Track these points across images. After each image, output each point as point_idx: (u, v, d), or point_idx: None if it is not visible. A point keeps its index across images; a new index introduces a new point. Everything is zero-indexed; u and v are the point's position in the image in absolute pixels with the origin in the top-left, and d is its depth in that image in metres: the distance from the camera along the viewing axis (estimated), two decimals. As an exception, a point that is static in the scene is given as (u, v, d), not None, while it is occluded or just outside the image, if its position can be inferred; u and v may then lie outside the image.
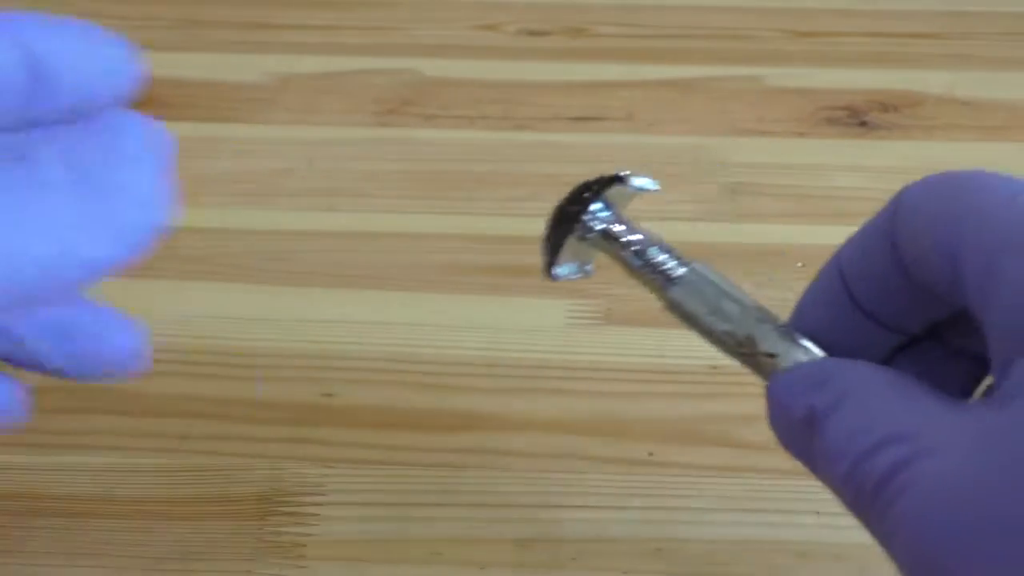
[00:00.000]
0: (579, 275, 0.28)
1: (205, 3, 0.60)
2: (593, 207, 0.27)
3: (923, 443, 0.20)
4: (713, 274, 0.26)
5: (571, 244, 0.27)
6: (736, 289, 0.25)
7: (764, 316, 0.25)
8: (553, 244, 0.27)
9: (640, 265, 0.26)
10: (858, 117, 0.52)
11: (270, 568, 0.34)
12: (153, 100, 0.53)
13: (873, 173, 0.49)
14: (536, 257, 0.45)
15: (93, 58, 0.25)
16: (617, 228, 0.26)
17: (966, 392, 0.25)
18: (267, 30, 0.58)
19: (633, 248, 0.26)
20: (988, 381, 0.25)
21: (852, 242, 0.25)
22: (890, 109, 0.53)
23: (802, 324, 0.25)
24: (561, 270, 0.27)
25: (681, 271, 0.26)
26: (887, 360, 0.25)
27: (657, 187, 0.27)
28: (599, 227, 0.26)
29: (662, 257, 0.26)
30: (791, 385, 0.23)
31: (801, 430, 0.23)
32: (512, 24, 0.58)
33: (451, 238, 0.46)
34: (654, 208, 0.48)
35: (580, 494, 0.36)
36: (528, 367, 0.40)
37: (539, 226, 0.46)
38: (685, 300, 0.25)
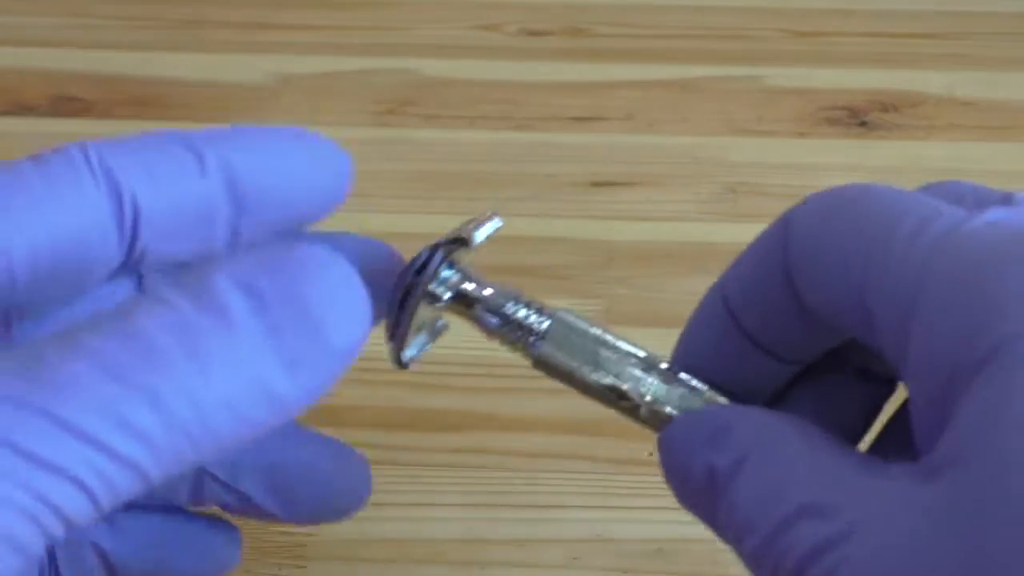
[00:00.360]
0: (430, 344, 0.25)
1: (205, 3, 0.60)
2: (441, 272, 0.24)
3: (847, 519, 0.17)
4: (580, 321, 0.23)
5: (418, 314, 0.24)
6: (608, 333, 0.23)
7: (645, 361, 0.23)
8: (402, 329, 0.23)
9: (498, 324, 0.24)
10: (858, 117, 0.52)
11: (270, 568, 0.34)
12: (153, 100, 0.53)
13: (873, 173, 0.49)
14: (536, 256, 0.45)
15: (300, 176, 0.23)
16: (469, 287, 0.24)
17: (870, 414, 0.23)
18: (267, 30, 0.58)
19: (489, 307, 0.24)
20: (899, 396, 0.23)
21: (737, 270, 0.23)
22: (890, 109, 0.53)
23: (687, 361, 0.23)
24: (412, 351, 0.24)
25: (546, 323, 0.23)
26: (783, 391, 0.23)
27: (501, 223, 0.25)
28: (448, 295, 0.24)
29: (522, 312, 0.23)
30: (685, 438, 0.21)
31: (701, 490, 0.20)
32: (512, 24, 0.58)
33: (451, 238, 0.46)
34: (655, 208, 0.48)
35: (580, 494, 0.36)
36: (528, 367, 0.40)
37: (539, 226, 0.46)
38: (556, 354, 0.23)
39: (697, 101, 0.53)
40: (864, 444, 0.24)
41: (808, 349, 0.22)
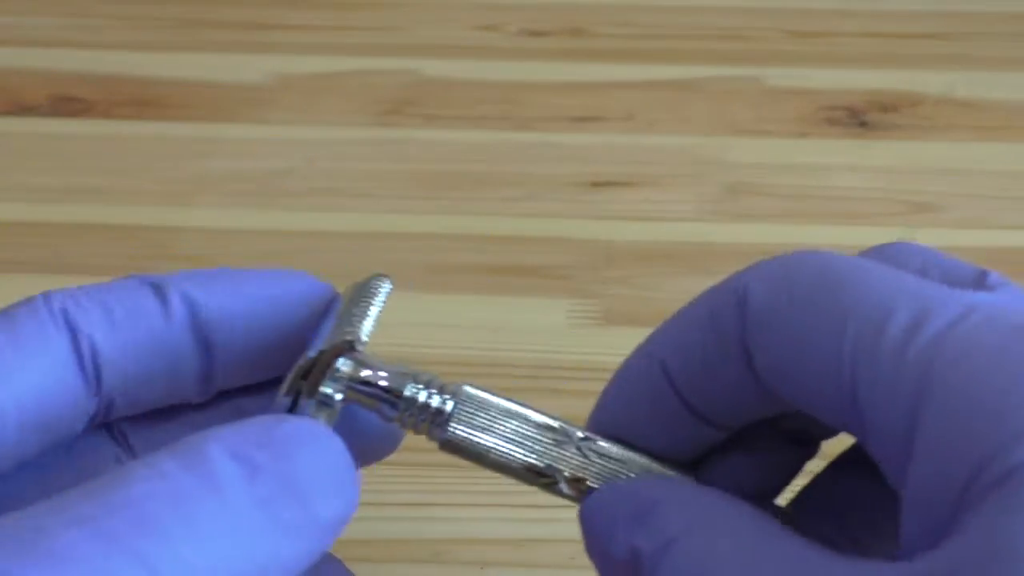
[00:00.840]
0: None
1: (205, 3, 0.59)
2: (336, 366, 0.21)
3: None
4: (487, 395, 0.22)
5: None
6: (517, 404, 0.22)
7: (560, 431, 0.22)
8: None
9: (398, 412, 0.22)
10: (858, 117, 0.52)
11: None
12: (153, 100, 0.53)
13: (873, 173, 0.49)
14: (536, 256, 0.45)
15: (273, 316, 0.23)
16: (362, 374, 0.22)
17: (789, 475, 0.23)
18: (267, 30, 0.58)
19: (385, 394, 0.22)
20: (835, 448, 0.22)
21: (679, 334, 0.21)
22: (890, 109, 0.53)
23: (611, 424, 0.22)
24: None
25: (449, 403, 0.22)
26: (707, 454, 0.22)
27: (391, 286, 0.23)
28: (340, 395, 0.22)
29: (422, 394, 0.22)
30: (606, 513, 0.20)
31: (624, 571, 0.19)
32: (512, 24, 0.58)
33: (451, 238, 0.46)
34: (655, 208, 0.48)
35: (580, 494, 0.36)
36: (528, 367, 0.40)
37: (539, 226, 0.46)
38: (463, 436, 0.22)
39: (697, 101, 0.53)
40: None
41: (749, 418, 0.21)
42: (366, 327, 0.22)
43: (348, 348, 0.22)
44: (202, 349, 0.22)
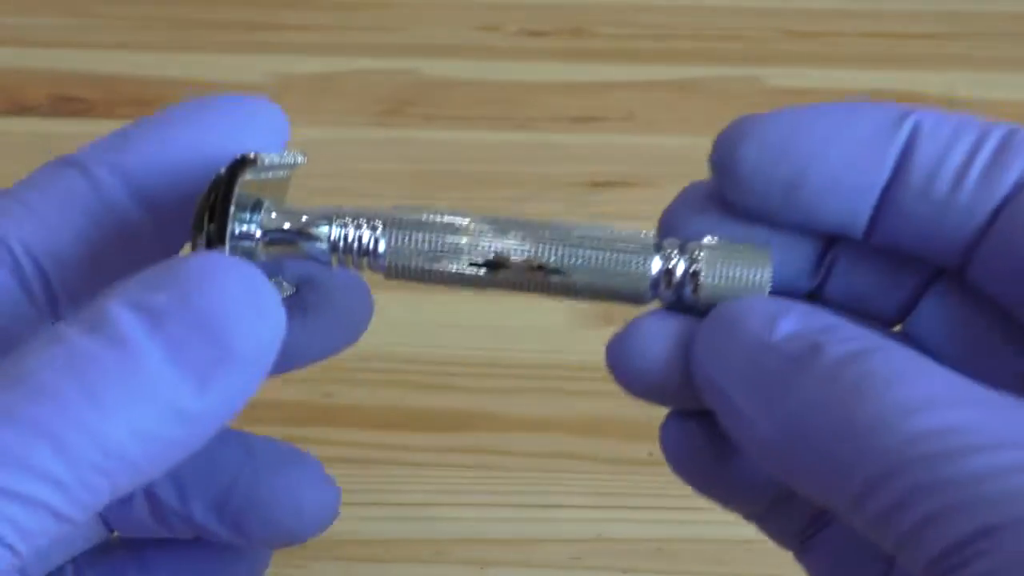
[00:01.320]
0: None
1: (205, 3, 0.59)
2: (235, 214, 0.20)
3: None
4: (416, 214, 0.21)
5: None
6: (450, 214, 0.21)
7: (506, 222, 0.21)
8: None
9: (328, 251, 0.21)
10: (858, 117, 0.52)
11: (269, 568, 0.34)
12: (153, 100, 0.53)
13: (873, 173, 0.49)
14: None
15: (217, 151, 0.21)
16: (277, 218, 0.21)
17: None
18: (267, 30, 0.58)
19: (311, 236, 0.21)
20: None
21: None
22: (890, 109, 0.53)
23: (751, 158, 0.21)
24: None
25: (380, 233, 0.21)
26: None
27: (303, 159, 0.22)
28: (259, 232, 0.20)
29: (351, 231, 0.21)
30: (765, 312, 0.19)
31: (772, 371, 0.18)
32: (512, 24, 0.58)
33: (451, 238, 0.46)
34: (655, 208, 0.48)
35: (580, 494, 0.36)
36: (528, 367, 0.40)
37: (539, 226, 0.46)
38: (405, 262, 0.21)
39: (697, 101, 0.53)
40: None
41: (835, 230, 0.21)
42: (270, 159, 0.21)
43: (245, 163, 0.20)
44: (145, 209, 0.21)
